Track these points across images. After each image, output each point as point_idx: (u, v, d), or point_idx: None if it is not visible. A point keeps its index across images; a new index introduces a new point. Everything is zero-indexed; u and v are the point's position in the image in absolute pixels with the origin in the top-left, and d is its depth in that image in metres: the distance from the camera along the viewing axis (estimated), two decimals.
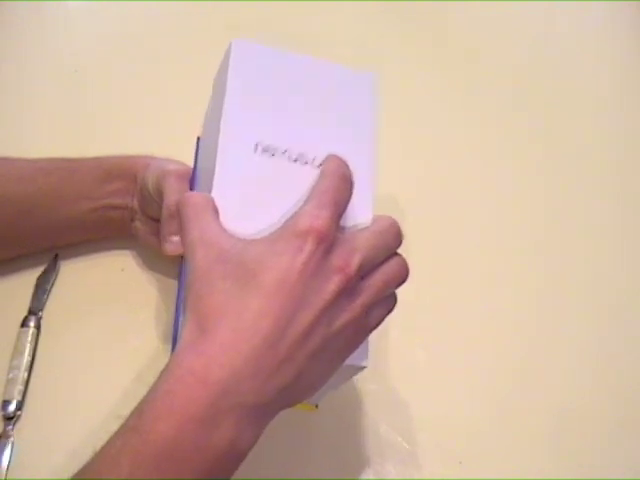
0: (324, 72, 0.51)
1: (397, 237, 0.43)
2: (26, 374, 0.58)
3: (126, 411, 0.38)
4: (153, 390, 0.38)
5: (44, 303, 0.62)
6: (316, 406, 0.54)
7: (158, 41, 0.82)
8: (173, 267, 0.65)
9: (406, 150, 0.74)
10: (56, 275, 0.64)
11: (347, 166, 0.43)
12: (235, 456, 0.38)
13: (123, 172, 0.61)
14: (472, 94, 0.78)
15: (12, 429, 0.56)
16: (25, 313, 0.61)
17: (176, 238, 0.54)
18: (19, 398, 0.57)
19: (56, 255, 0.64)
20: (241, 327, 0.38)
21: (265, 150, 0.46)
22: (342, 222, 0.43)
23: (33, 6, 0.83)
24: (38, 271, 0.63)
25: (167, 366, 0.38)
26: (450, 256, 0.68)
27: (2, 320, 0.61)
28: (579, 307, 0.66)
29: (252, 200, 0.45)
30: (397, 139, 0.75)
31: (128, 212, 0.61)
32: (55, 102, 0.76)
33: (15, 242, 0.62)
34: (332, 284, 0.39)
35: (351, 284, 0.40)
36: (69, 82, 0.78)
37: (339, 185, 0.42)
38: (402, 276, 0.43)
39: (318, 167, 0.45)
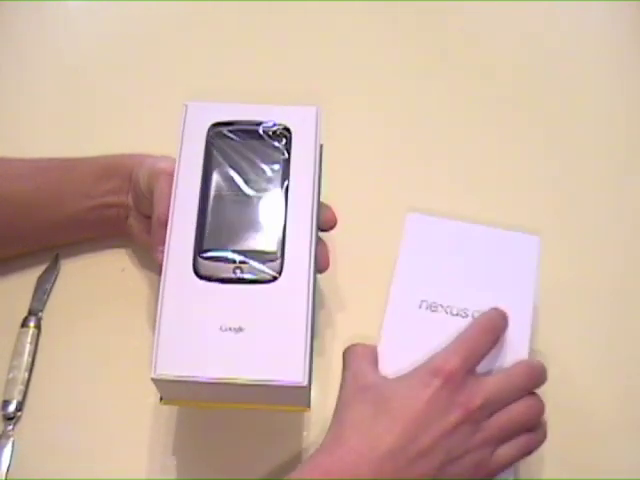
0: (489, 237, 0.59)
1: (531, 379, 0.48)
2: (26, 374, 0.58)
3: (127, 411, 0.38)
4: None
5: (44, 303, 0.62)
6: (308, 407, 0.53)
7: (158, 41, 0.82)
8: None
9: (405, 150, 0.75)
10: (56, 275, 0.64)
11: (500, 318, 0.50)
12: None
13: (119, 170, 0.61)
14: (472, 94, 0.78)
15: (12, 429, 0.56)
16: (25, 313, 0.61)
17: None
18: (19, 398, 0.57)
19: (56, 255, 0.64)
20: (369, 438, 0.44)
21: (429, 307, 0.55)
22: (498, 360, 0.51)
23: (33, 6, 0.83)
24: (38, 271, 0.63)
25: (302, 464, 0.46)
26: None
27: (2, 320, 0.61)
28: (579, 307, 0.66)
29: (413, 349, 0.51)
30: (397, 139, 0.75)
31: (124, 210, 0.61)
32: (55, 102, 0.76)
33: (15, 241, 0.62)
34: (452, 416, 0.45)
35: (472, 419, 0.45)
36: (69, 82, 0.78)
37: (480, 336, 0.49)
38: (532, 416, 0.48)
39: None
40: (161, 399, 0.50)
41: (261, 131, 0.53)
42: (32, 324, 0.60)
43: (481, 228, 0.59)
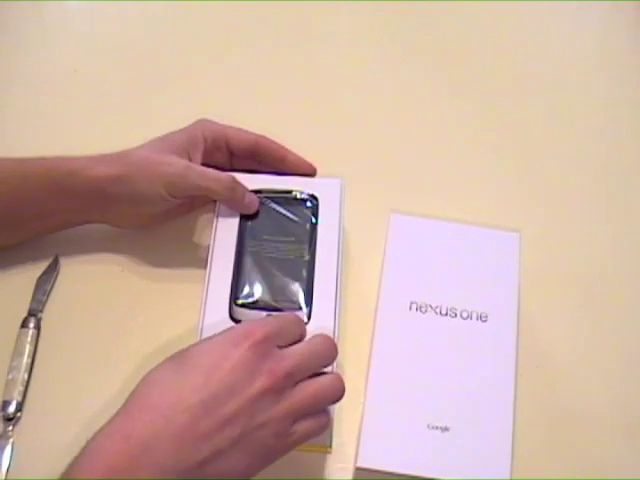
0: (470, 235, 0.61)
1: (331, 349, 0.49)
2: (26, 375, 0.58)
3: None
4: (80, 452, 0.42)
5: (44, 304, 0.62)
6: (330, 446, 0.55)
7: (158, 41, 0.82)
8: (173, 267, 0.65)
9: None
10: (56, 276, 0.64)
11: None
12: None
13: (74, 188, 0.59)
14: (456, 94, 0.78)
15: (12, 430, 0.56)
16: (25, 314, 0.61)
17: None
18: (19, 399, 0.57)
19: (56, 256, 0.64)
20: (170, 396, 0.43)
21: (419, 308, 0.56)
22: (490, 355, 0.55)
23: (33, 6, 0.83)
24: (38, 272, 0.63)
25: (98, 430, 0.43)
26: None
27: (2, 321, 0.61)
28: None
29: (405, 351, 0.55)
30: (397, 136, 0.75)
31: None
32: (55, 102, 0.76)
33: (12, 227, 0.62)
34: (259, 382, 0.44)
35: (278, 386, 0.45)
36: (69, 82, 0.78)
37: (294, 324, 0.49)
38: (335, 392, 0.48)
39: (465, 319, 0.56)
40: None
41: (292, 198, 0.59)
42: (32, 325, 0.60)
43: (463, 227, 0.61)
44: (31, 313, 0.61)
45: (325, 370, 0.49)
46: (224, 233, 0.58)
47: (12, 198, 0.59)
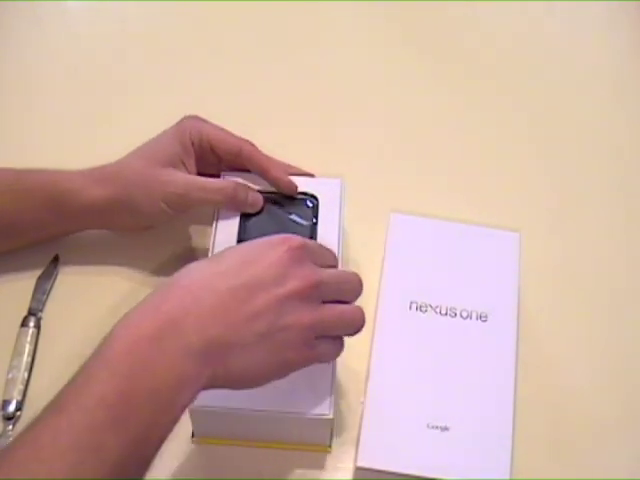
0: (470, 234, 0.60)
1: (358, 282, 0.50)
2: (26, 374, 0.58)
3: None
4: (112, 328, 0.42)
5: (44, 303, 0.62)
6: (329, 446, 0.56)
7: (158, 41, 0.82)
8: (173, 266, 0.64)
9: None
10: (56, 275, 0.64)
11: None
12: (181, 382, 0.42)
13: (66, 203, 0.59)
14: (456, 94, 0.78)
15: (12, 429, 0.56)
16: (25, 313, 0.61)
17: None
18: (19, 398, 0.57)
19: (56, 256, 0.64)
20: (202, 280, 0.44)
21: (419, 308, 0.56)
22: (486, 353, 0.55)
23: (33, 6, 0.83)
24: (38, 271, 0.63)
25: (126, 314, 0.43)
26: None
27: (2, 320, 0.61)
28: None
29: (406, 350, 0.55)
30: (397, 135, 0.75)
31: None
32: (55, 102, 0.76)
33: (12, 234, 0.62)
34: (290, 284, 0.45)
35: (307, 293, 0.46)
36: (69, 82, 0.78)
37: (327, 251, 0.51)
38: (357, 321, 0.49)
39: (465, 319, 0.56)
40: (193, 435, 0.55)
41: (292, 198, 0.60)
42: (32, 324, 0.60)
43: (463, 227, 0.61)
44: (31, 312, 0.61)
45: None
46: (224, 233, 0.58)
47: (9, 211, 0.59)
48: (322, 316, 0.47)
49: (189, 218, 0.66)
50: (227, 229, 0.58)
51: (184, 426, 0.52)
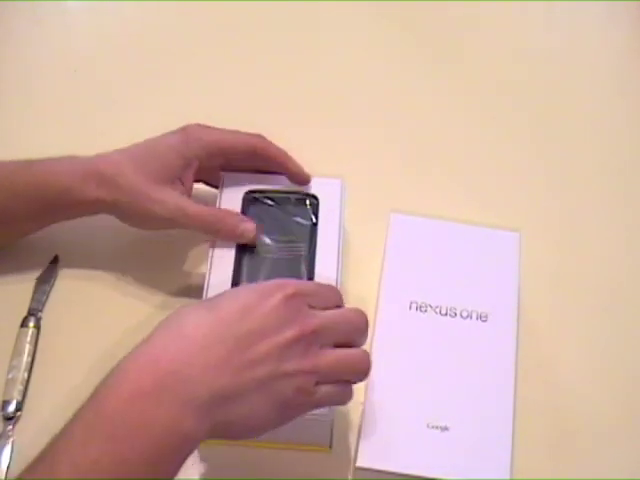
0: (470, 234, 0.60)
1: (362, 321, 0.48)
2: (26, 374, 0.58)
3: None
4: (106, 377, 0.42)
5: (44, 303, 0.62)
6: (329, 446, 0.56)
7: (158, 41, 0.82)
8: (173, 266, 0.65)
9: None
10: (56, 276, 0.64)
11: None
12: (180, 439, 0.41)
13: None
14: (456, 95, 0.78)
15: (12, 429, 0.56)
16: (25, 313, 0.61)
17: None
18: (19, 398, 0.57)
19: (56, 256, 0.64)
20: (205, 328, 0.44)
21: (419, 308, 0.56)
22: (486, 353, 0.55)
23: (33, 6, 0.83)
24: (37, 271, 0.63)
25: (131, 352, 0.43)
26: None
27: (2, 320, 0.61)
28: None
29: (405, 350, 0.55)
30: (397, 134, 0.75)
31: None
32: (55, 102, 0.76)
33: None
34: (289, 331, 0.45)
35: (307, 340, 0.45)
36: (69, 82, 0.78)
37: (327, 290, 0.50)
38: (362, 366, 0.48)
39: (465, 319, 0.56)
40: None
41: (292, 198, 0.60)
42: (32, 324, 0.61)
43: (463, 227, 0.60)
44: (31, 312, 0.61)
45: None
46: (223, 246, 0.58)
47: (3, 206, 0.59)
48: (322, 362, 0.46)
49: None
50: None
51: None
